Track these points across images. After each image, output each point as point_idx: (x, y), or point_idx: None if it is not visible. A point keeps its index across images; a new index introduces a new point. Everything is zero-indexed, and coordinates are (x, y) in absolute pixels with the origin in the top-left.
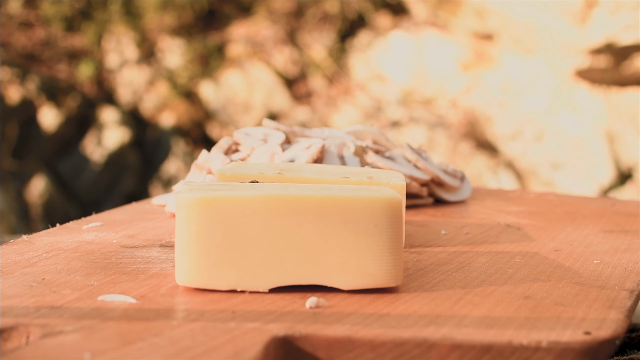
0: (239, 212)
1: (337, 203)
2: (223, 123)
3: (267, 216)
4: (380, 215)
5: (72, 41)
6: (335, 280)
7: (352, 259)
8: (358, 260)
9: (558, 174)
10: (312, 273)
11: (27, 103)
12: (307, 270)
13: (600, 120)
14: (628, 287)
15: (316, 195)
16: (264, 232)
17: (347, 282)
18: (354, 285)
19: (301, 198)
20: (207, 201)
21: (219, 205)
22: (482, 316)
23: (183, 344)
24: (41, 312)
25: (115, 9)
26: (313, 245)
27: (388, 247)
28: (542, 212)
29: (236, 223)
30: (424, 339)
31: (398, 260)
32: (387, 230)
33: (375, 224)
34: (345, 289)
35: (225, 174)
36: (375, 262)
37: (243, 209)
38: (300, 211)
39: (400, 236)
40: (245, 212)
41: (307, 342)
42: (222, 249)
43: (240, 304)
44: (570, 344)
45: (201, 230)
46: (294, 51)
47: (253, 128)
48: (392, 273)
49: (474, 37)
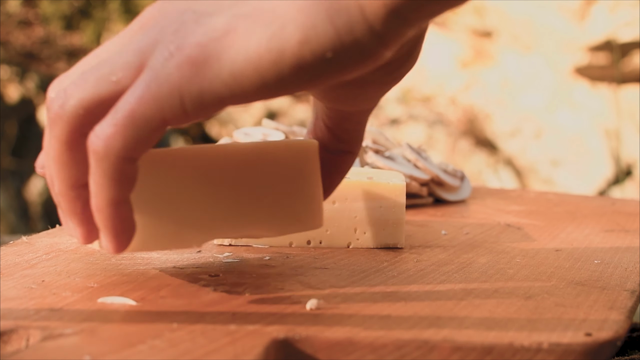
0: (166, 169)
1: (254, 152)
2: (222, 121)
3: (191, 171)
4: (299, 160)
5: (71, 40)
6: (264, 230)
7: (276, 206)
8: (281, 207)
9: (557, 171)
10: (241, 226)
11: (26, 101)
12: (236, 224)
13: (599, 118)
14: (629, 287)
15: (233, 146)
16: (189, 188)
17: (274, 230)
18: (280, 232)
19: (221, 149)
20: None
21: (147, 163)
22: (483, 317)
23: (183, 346)
24: (41, 314)
25: (114, 8)
26: (238, 197)
27: (309, 191)
28: (542, 211)
29: (163, 180)
30: (425, 340)
31: (320, 203)
32: (307, 175)
33: (294, 169)
34: (273, 236)
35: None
36: (298, 207)
37: (170, 164)
38: (224, 164)
39: (319, 180)
40: (172, 168)
41: (307, 344)
42: (151, 209)
43: (241, 306)
44: (572, 345)
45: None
46: None
47: (253, 128)
48: (316, 217)
49: (473, 34)
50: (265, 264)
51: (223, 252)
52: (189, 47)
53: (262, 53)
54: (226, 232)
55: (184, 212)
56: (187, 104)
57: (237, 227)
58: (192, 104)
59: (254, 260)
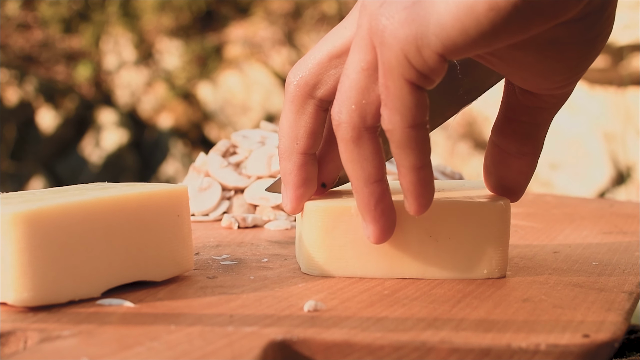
0: (62, 222)
1: (136, 200)
2: (221, 124)
3: (85, 222)
4: (181, 205)
5: (70, 43)
6: (151, 273)
7: (161, 251)
8: (165, 251)
9: (556, 173)
10: (134, 270)
11: (25, 105)
12: (129, 269)
13: (598, 121)
14: (627, 289)
15: (114, 195)
16: (85, 238)
17: (160, 274)
18: (164, 276)
19: (105, 200)
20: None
21: (42, 218)
22: (480, 319)
23: (181, 348)
24: (39, 316)
25: (113, 11)
26: (129, 243)
27: (187, 235)
28: (540, 213)
29: (60, 233)
30: (423, 342)
31: (190, 247)
32: (187, 219)
33: (178, 214)
34: (159, 280)
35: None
36: (179, 251)
37: (66, 217)
38: (111, 212)
39: (189, 223)
40: (68, 220)
41: (305, 346)
42: (51, 262)
43: (238, 308)
44: (569, 346)
45: (26, 246)
46: (291, 52)
47: (251, 130)
48: (189, 260)
49: None
50: (263, 266)
51: (221, 254)
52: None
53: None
54: (123, 278)
55: (82, 263)
56: (413, 60)
57: (132, 273)
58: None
59: (252, 262)
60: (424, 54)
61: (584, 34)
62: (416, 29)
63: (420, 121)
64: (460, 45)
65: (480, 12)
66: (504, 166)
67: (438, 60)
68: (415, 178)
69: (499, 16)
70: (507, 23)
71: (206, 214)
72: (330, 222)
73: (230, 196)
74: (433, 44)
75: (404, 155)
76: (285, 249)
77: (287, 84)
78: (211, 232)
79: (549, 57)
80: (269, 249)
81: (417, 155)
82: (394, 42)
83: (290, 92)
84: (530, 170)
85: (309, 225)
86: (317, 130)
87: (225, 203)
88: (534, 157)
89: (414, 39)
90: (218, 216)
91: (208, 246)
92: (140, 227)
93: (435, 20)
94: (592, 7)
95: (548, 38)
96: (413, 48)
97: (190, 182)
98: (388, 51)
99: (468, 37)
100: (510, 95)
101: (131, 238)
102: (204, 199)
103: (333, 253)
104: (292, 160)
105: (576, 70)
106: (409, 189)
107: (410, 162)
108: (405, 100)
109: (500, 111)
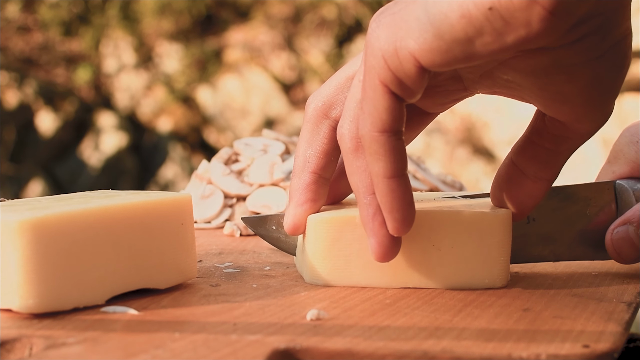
0: (67, 230)
1: (140, 208)
2: (220, 128)
3: (90, 230)
4: (185, 213)
5: (70, 46)
6: (155, 281)
7: (165, 258)
8: (169, 259)
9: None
10: (138, 278)
11: (24, 107)
12: (134, 276)
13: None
14: (626, 299)
15: (119, 203)
16: (90, 246)
17: (163, 281)
18: (168, 284)
19: (110, 208)
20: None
21: (48, 225)
22: (481, 329)
23: (185, 356)
24: (44, 323)
25: (113, 14)
26: (133, 250)
27: (191, 243)
28: None
29: (65, 241)
30: (424, 351)
31: (193, 255)
32: (191, 228)
33: (182, 222)
34: (163, 287)
35: None
36: (183, 259)
37: (72, 225)
38: (116, 220)
39: (193, 231)
40: (73, 228)
41: (308, 354)
42: (56, 269)
43: (241, 316)
44: (569, 357)
45: (32, 253)
46: (291, 56)
47: (253, 138)
48: (193, 268)
49: None
50: (265, 274)
51: (223, 262)
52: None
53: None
54: (128, 285)
55: (86, 271)
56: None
57: (136, 280)
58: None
59: (254, 270)
60: (400, 56)
61: (587, 54)
62: (397, 32)
63: (390, 128)
64: (435, 50)
65: (453, 18)
66: (516, 185)
67: (414, 64)
68: (386, 188)
69: (471, 24)
70: (480, 33)
71: (208, 221)
72: (335, 233)
73: (233, 204)
74: (410, 46)
75: (373, 162)
76: (287, 257)
77: (306, 106)
78: (213, 240)
79: (559, 80)
80: (271, 257)
81: (386, 164)
82: (376, 44)
83: (309, 113)
84: (541, 194)
85: (314, 236)
86: (330, 151)
87: (228, 210)
88: (548, 184)
89: (393, 40)
90: (220, 224)
91: (210, 254)
92: (145, 235)
93: (414, 24)
94: (589, 27)
95: (552, 60)
96: (391, 49)
97: (192, 190)
98: (370, 53)
99: (443, 42)
100: (539, 120)
101: (135, 246)
102: (207, 206)
103: (338, 263)
104: (302, 178)
105: (594, 94)
106: (382, 201)
107: (379, 169)
108: (377, 103)
109: (525, 132)
